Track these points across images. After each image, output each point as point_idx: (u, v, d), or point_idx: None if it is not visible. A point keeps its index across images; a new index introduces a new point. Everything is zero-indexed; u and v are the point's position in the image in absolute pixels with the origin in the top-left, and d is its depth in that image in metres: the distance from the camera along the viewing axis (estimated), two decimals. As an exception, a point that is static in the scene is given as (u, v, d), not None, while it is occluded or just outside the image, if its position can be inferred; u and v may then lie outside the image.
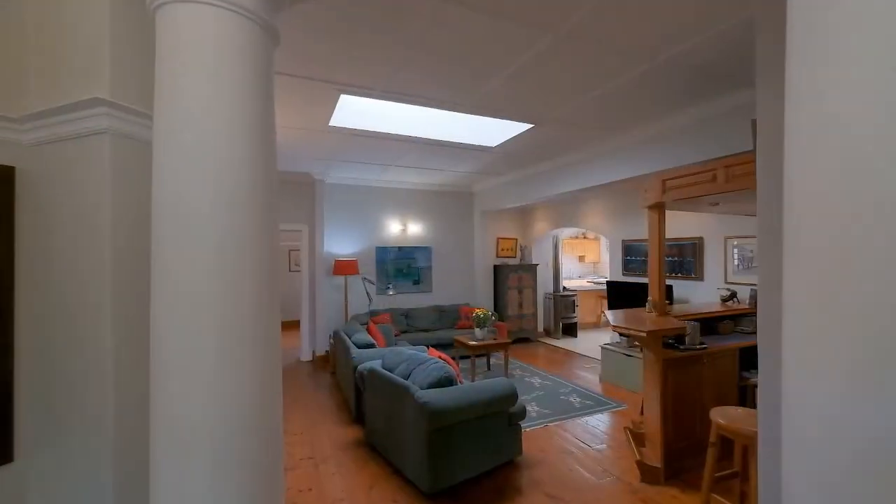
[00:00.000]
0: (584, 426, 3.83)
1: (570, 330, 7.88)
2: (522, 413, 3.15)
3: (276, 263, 1.14)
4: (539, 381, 5.19)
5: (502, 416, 3.03)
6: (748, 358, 3.45)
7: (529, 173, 5.90)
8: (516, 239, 7.99)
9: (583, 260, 10.81)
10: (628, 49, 2.53)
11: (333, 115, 3.66)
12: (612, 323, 3.04)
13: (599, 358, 6.14)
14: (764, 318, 1.85)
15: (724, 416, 2.20)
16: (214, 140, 1.00)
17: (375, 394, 3.34)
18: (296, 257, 9.48)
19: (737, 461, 2.36)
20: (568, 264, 9.96)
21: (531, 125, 3.94)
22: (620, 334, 5.22)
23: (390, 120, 3.92)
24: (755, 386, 3.55)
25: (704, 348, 3.11)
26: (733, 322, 3.72)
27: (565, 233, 9.09)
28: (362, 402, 3.71)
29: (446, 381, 2.89)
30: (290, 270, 9.46)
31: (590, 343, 7.31)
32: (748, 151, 2.45)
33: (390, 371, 3.30)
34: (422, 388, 2.84)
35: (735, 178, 2.40)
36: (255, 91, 1.07)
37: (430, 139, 4.43)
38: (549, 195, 5.54)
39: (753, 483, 2.00)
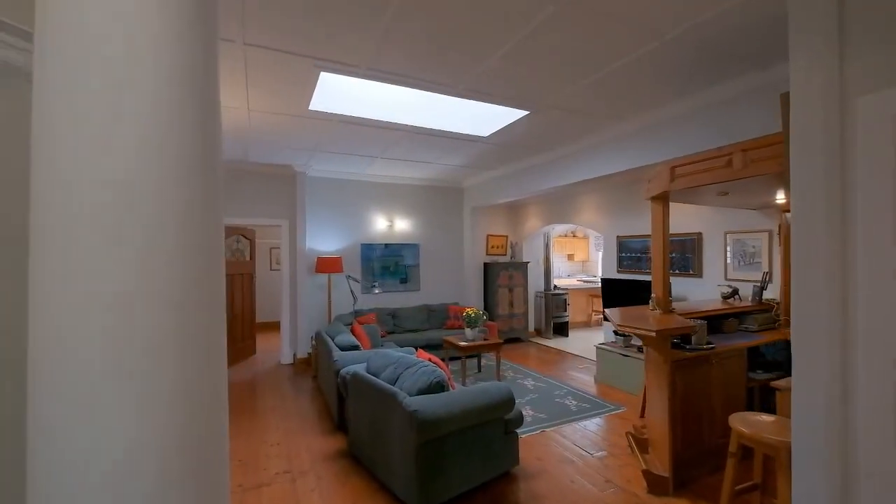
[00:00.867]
0: (582, 431, 3.62)
1: (562, 329, 7.70)
2: (519, 420, 2.91)
3: (218, 252, 0.85)
4: (532, 382, 4.97)
5: (498, 423, 2.79)
6: (752, 357, 3.28)
7: (522, 167, 5.68)
8: (507, 236, 7.78)
9: (572, 258, 10.69)
10: (637, 23, 2.31)
11: (314, 97, 3.36)
12: (615, 322, 2.82)
13: (592, 358, 5.97)
14: (800, 314, 1.65)
15: (746, 424, 2.00)
16: (125, 85, 0.71)
17: (359, 401, 3.06)
18: (277, 256, 9.10)
19: (756, 472, 2.16)
20: (557, 263, 9.79)
21: (527, 112, 3.71)
22: (617, 333, 5.04)
23: (377, 106, 3.64)
24: (763, 387, 3.39)
25: (712, 348, 2.91)
26: (737, 320, 3.55)
27: (555, 231, 8.91)
28: (345, 409, 3.43)
29: (437, 387, 2.63)
30: (270, 269, 9.08)
31: (581, 343, 7.15)
32: (766, 136, 2.25)
33: (375, 376, 3.03)
34: (410, 395, 2.58)
35: (753, 162, 2.20)
36: (193, 13, 0.78)
37: (419, 127, 4.17)
38: (543, 189, 5.33)
39: (783, 498, 1.79)
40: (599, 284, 9.04)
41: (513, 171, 5.93)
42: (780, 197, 3.17)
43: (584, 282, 9.56)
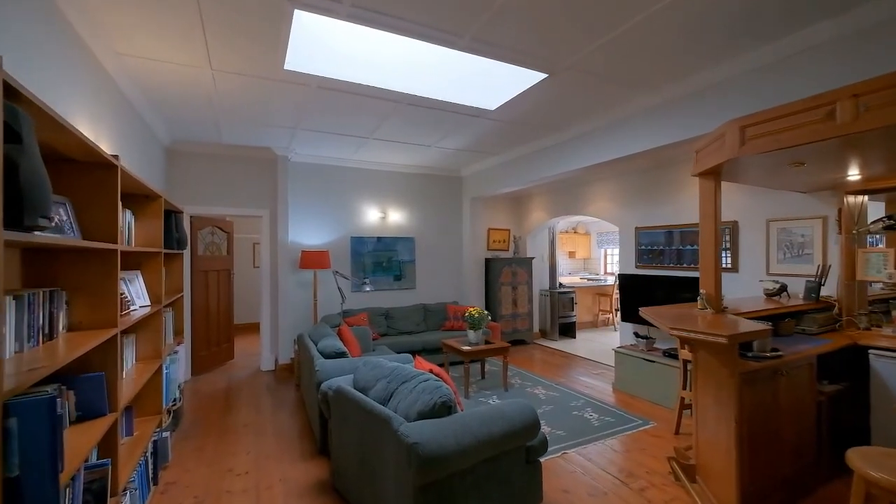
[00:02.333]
0: (609, 453, 3.06)
1: (568, 330, 7.16)
2: (544, 446, 2.34)
3: None
4: (543, 391, 4.41)
5: (518, 451, 2.21)
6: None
7: (530, 150, 5.11)
8: (509, 230, 7.21)
9: (573, 255, 10.19)
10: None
11: (289, 51, 2.76)
12: (665, 325, 2.25)
13: (605, 362, 5.45)
14: None
15: (876, 466, 1.44)
16: None
17: (345, 424, 2.47)
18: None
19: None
20: (558, 260, 9.27)
21: (542, 76, 3.14)
22: (638, 335, 4.47)
23: (365, 68, 3.05)
24: (831, 400, 2.83)
25: (780, 356, 2.37)
26: (793, 321, 3.02)
27: (559, 225, 8.36)
28: (329, 431, 2.84)
29: (443, 409, 2.05)
30: (254, 266, 8.43)
31: (590, 345, 6.62)
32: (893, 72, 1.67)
33: (364, 392, 2.44)
34: (408, 420, 2.00)
35: (871, 110, 1.64)
36: None
37: (415, 96, 3.57)
38: (553, 174, 4.76)
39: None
40: (605, 282, 8.55)
41: (518, 156, 5.36)
42: (854, 173, 2.63)
43: (589, 279, 9.03)
